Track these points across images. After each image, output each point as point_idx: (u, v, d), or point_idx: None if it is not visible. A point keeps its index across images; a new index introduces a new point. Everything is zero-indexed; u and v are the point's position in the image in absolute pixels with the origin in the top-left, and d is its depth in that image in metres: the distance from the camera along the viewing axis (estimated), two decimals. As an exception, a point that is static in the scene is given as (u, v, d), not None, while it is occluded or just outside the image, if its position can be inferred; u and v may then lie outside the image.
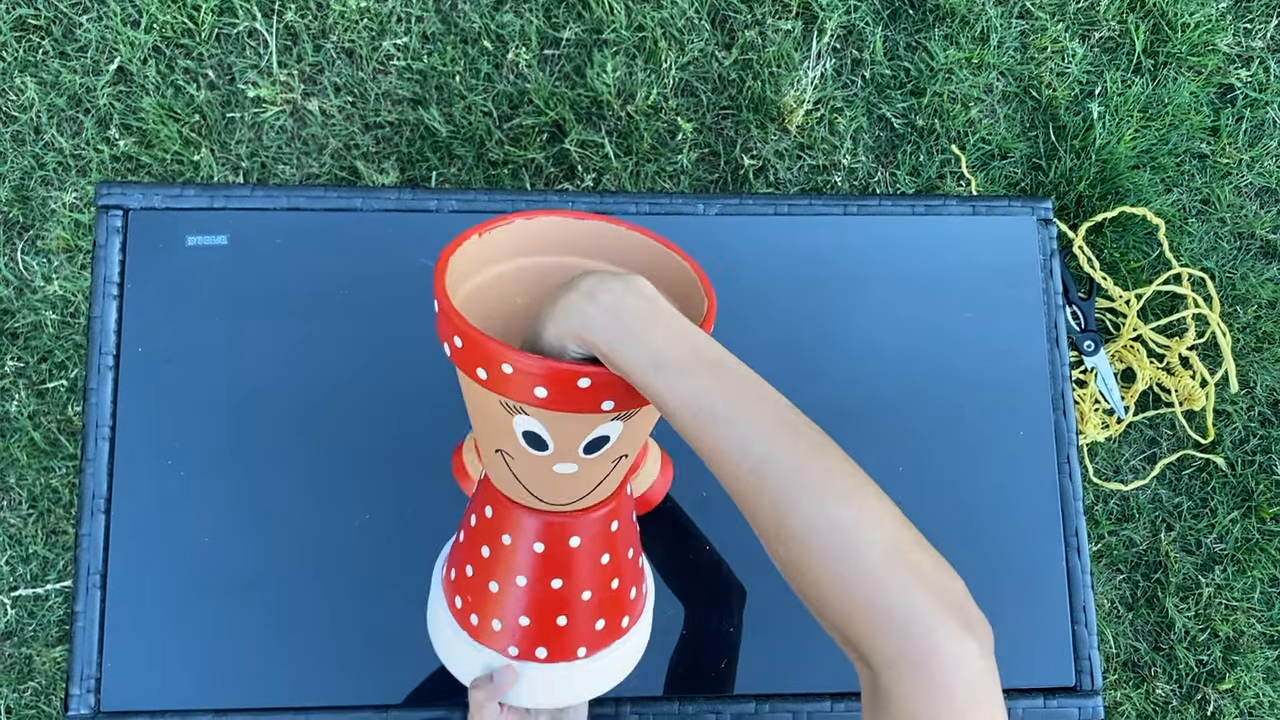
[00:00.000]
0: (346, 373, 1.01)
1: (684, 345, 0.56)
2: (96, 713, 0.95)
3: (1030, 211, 1.12)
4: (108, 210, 1.03)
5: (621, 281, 0.59)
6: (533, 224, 0.71)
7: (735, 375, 0.57)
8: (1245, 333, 1.60)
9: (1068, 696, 1.02)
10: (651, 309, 0.58)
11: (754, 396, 0.56)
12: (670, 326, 0.57)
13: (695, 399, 0.55)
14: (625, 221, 0.72)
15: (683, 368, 0.55)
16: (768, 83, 1.56)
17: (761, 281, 1.07)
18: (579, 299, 0.58)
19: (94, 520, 0.97)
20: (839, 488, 0.53)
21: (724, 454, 0.55)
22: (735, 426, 0.54)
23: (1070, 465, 1.06)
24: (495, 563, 0.75)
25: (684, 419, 0.55)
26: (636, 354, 0.56)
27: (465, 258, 0.69)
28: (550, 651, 0.78)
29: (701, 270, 0.71)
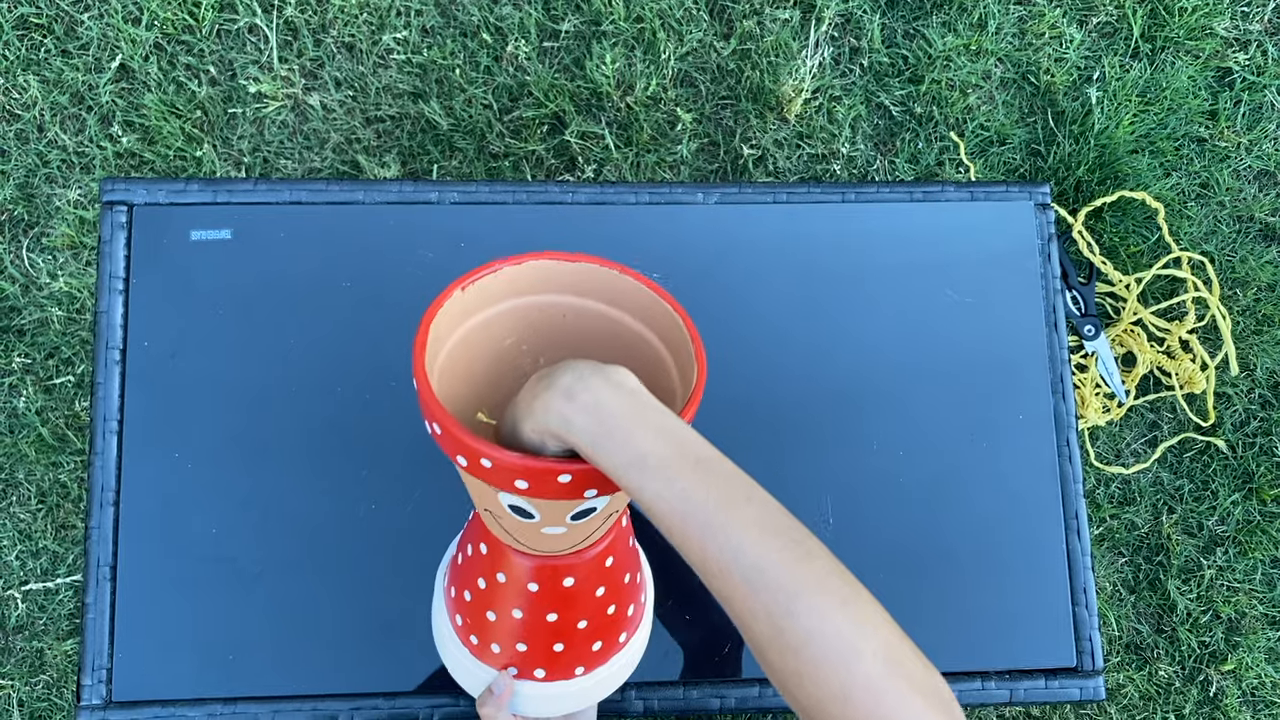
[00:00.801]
0: (351, 364, 1.02)
1: (669, 445, 0.55)
2: (108, 703, 0.96)
3: (1028, 196, 1.13)
4: (112, 206, 1.04)
5: (600, 377, 0.57)
6: (522, 269, 0.70)
7: (722, 476, 0.55)
8: (1245, 315, 1.60)
9: (1069, 677, 1.03)
10: (633, 406, 0.56)
11: (742, 499, 0.54)
12: (653, 424, 0.56)
13: (682, 504, 0.53)
14: (618, 264, 0.70)
15: (668, 470, 0.54)
16: (766, 72, 1.57)
17: (762, 269, 1.08)
18: (557, 399, 0.57)
19: (103, 513, 0.98)
20: (835, 595, 0.52)
21: (713, 561, 0.53)
22: (725, 533, 0.53)
23: (1070, 448, 1.07)
24: (490, 595, 0.75)
25: (671, 524, 0.54)
26: (620, 456, 0.54)
27: (449, 314, 0.68)
28: (548, 673, 0.79)
29: (688, 316, 0.69)
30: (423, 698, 0.97)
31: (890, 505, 1.04)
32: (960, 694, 1.01)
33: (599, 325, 0.73)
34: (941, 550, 1.04)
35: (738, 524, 0.53)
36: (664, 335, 0.71)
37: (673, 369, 0.71)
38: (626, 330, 0.72)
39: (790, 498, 1.02)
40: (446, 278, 1.03)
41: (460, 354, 0.71)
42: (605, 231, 1.08)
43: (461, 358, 0.71)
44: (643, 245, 1.08)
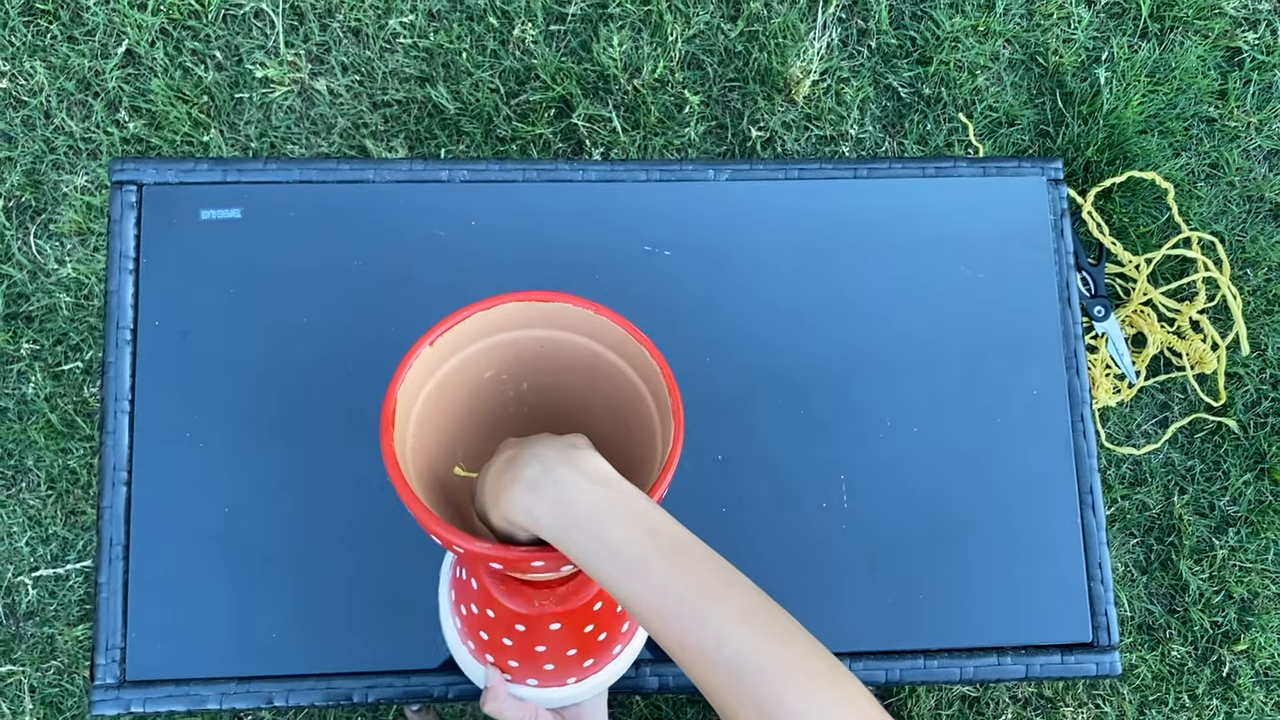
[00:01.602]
0: (363, 342, 1.02)
1: (641, 535, 0.54)
2: (122, 682, 0.96)
3: (1040, 172, 1.13)
4: (122, 186, 1.04)
5: (567, 466, 0.56)
6: (492, 313, 0.69)
7: (698, 562, 0.54)
8: (1256, 295, 1.60)
9: (1085, 652, 1.02)
10: (602, 497, 0.55)
11: (720, 585, 0.54)
12: (623, 514, 0.55)
13: (659, 596, 0.53)
14: (591, 302, 0.69)
15: (642, 562, 0.53)
16: (774, 54, 1.56)
17: (773, 245, 1.08)
18: (522, 493, 0.56)
19: (115, 493, 0.98)
20: (820, 678, 0.52)
21: (693, 650, 0.52)
22: (705, 622, 0.52)
23: (1084, 424, 1.07)
24: (482, 621, 0.76)
25: (647, 616, 0.53)
26: (590, 550, 0.54)
27: (421, 368, 0.67)
28: (540, 683, 0.80)
29: (661, 357, 0.68)
30: (437, 675, 0.97)
31: (904, 483, 1.04)
32: (976, 670, 1.01)
33: (577, 355, 0.72)
34: (956, 527, 1.04)
35: (717, 612, 0.52)
36: (642, 374, 0.70)
37: (651, 406, 0.70)
38: (605, 362, 0.72)
39: (804, 477, 1.02)
40: (458, 256, 1.04)
41: (437, 398, 0.70)
42: (615, 210, 1.07)
43: (439, 401, 0.70)
44: (653, 223, 1.07)
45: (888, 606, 1.01)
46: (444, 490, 0.72)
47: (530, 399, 0.77)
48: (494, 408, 0.76)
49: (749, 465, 1.02)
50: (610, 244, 1.07)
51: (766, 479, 1.03)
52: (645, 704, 1.43)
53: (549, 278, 1.05)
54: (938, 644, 1.01)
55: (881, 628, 1.01)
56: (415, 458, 0.67)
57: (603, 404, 0.75)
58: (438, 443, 0.72)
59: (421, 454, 0.69)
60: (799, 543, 1.02)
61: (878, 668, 1.00)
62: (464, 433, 0.76)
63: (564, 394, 0.76)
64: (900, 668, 1.00)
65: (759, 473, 1.03)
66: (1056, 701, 1.48)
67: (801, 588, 1.01)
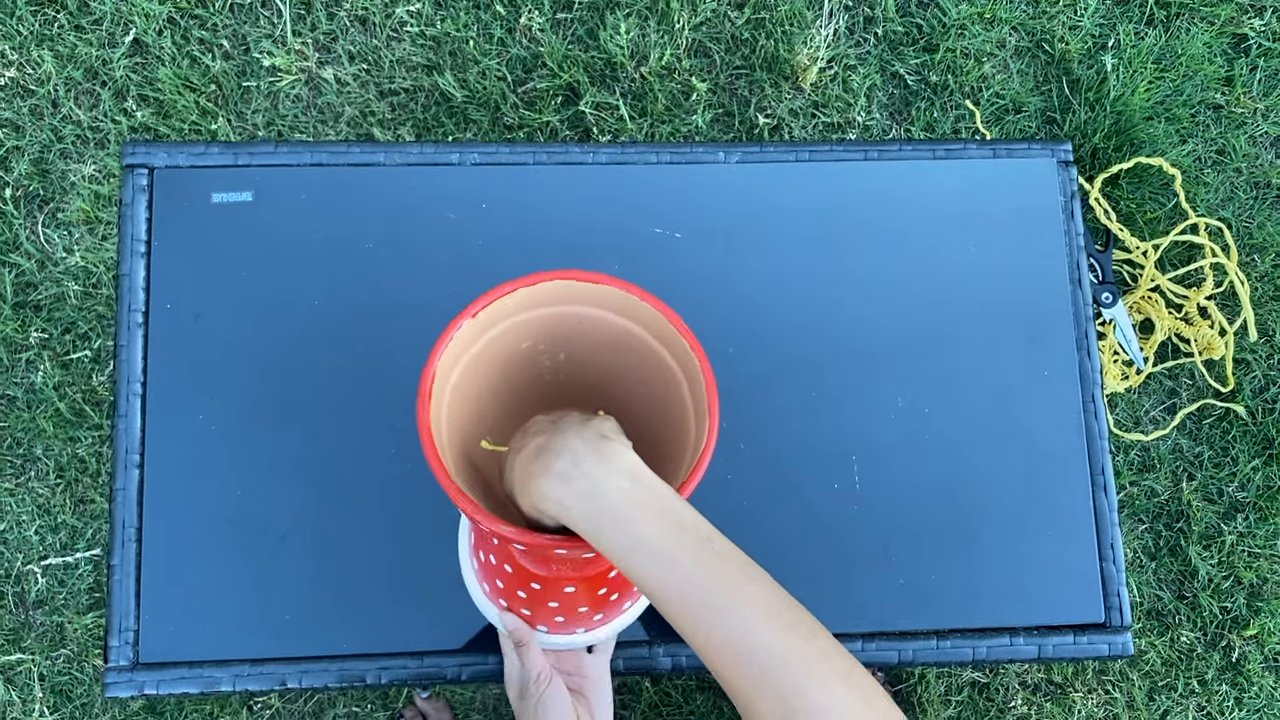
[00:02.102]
0: (373, 324, 1.02)
1: (669, 529, 0.55)
2: (135, 664, 0.96)
3: (1050, 154, 1.12)
4: (133, 169, 1.04)
5: (596, 458, 0.57)
6: (535, 289, 0.69)
7: (724, 558, 0.55)
8: (1263, 281, 1.60)
9: (1097, 633, 1.02)
10: (631, 490, 0.56)
11: (746, 580, 0.55)
12: (652, 507, 0.56)
13: (686, 588, 0.54)
14: (636, 287, 0.69)
15: (670, 555, 0.54)
16: (781, 41, 1.56)
17: (784, 228, 1.08)
18: (553, 484, 0.57)
19: (128, 475, 0.98)
20: (840, 671, 0.53)
21: (718, 642, 0.53)
22: (732, 615, 0.53)
23: (1095, 405, 1.07)
24: (498, 572, 0.76)
25: (673, 608, 0.54)
26: (619, 541, 0.55)
27: (463, 337, 0.68)
28: (550, 630, 0.81)
29: (702, 353, 0.68)
30: (451, 657, 0.97)
31: (916, 463, 1.04)
32: (989, 650, 1.01)
33: (615, 334, 0.73)
34: (968, 509, 1.03)
35: (743, 606, 0.53)
36: (679, 361, 0.71)
37: (686, 394, 0.70)
38: (642, 343, 0.72)
39: (817, 456, 1.02)
40: (469, 238, 1.04)
41: (474, 366, 0.71)
42: (625, 192, 1.07)
43: (476, 369, 0.71)
44: (663, 205, 1.07)
45: (899, 587, 1.01)
46: (469, 457, 0.73)
47: (565, 369, 0.78)
48: (529, 376, 0.77)
49: (760, 446, 1.02)
50: (621, 226, 1.07)
51: (778, 460, 1.03)
52: (655, 690, 1.43)
53: (560, 260, 1.05)
54: (950, 624, 1.01)
55: (894, 608, 1.01)
56: (449, 425, 0.68)
57: (636, 381, 0.75)
58: (473, 409, 0.72)
59: (456, 421, 0.70)
60: (811, 524, 1.02)
61: (890, 648, 1.00)
62: (497, 399, 0.76)
63: (599, 368, 0.77)
64: (913, 648, 1.00)
65: (770, 453, 1.03)
66: (1066, 687, 1.48)
67: (813, 569, 1.01)
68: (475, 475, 0.72)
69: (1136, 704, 1.48)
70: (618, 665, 0.98)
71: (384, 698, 1.42)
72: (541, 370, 0.78)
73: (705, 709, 1.43)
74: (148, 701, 1.40)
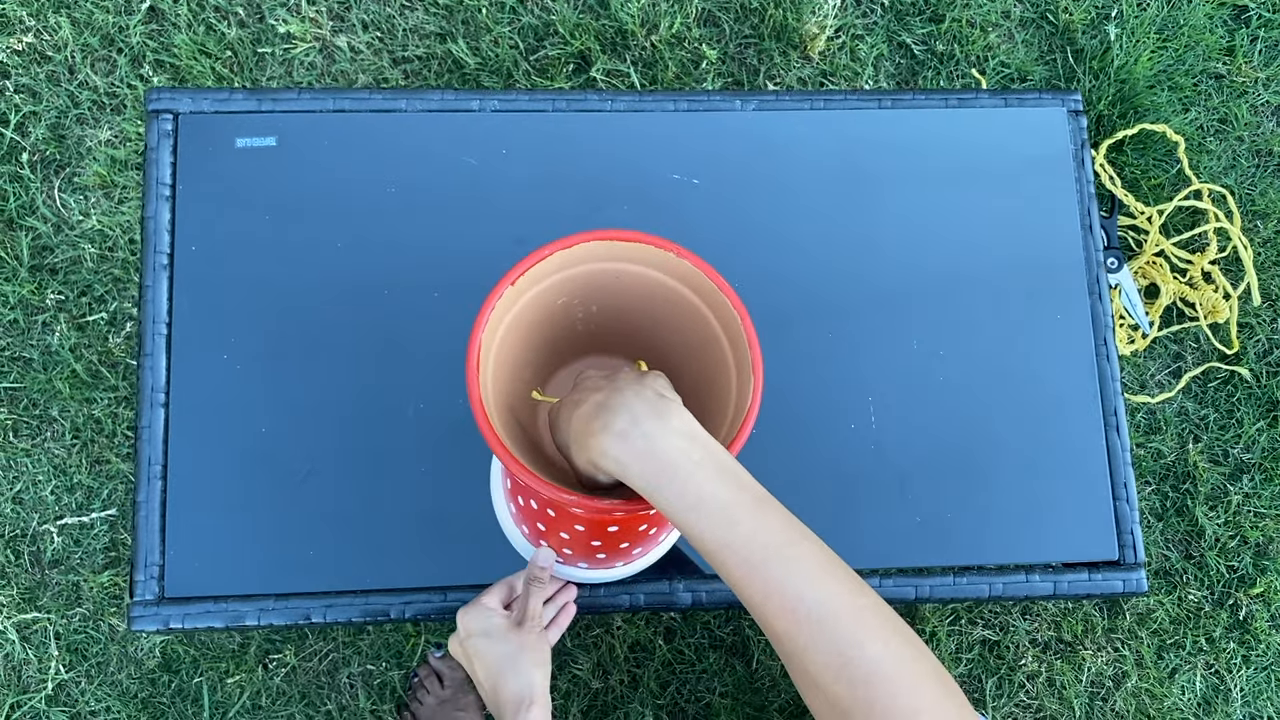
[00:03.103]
0: (395, 267, 1.03)
1: (727, 488, 0.57)
2: (161, 598, 0.96)
3: (1060, 103, 1.14)
4: (158, 115, 1.05)
5: (655, 419, 0.58)
6: (573, 251, 0.70)
7: (779, 516, 0.57)
8: (1266, 247, 1.62)
9: (1112, 570, 1.04)
10: (689, 450, 0.57)
11: (800, 537, 0.57)
12: (710, 466, 0.57)
13: (745, 546, 0.55)
14: (673, 244, 0.70)
15: (728, 513, 0.56)
16: (789, 10, 1.58)
17: (800, 174, 1.09)
18: (612, 441, 0.57)
19: (153, 413, 0.99)
20: (890, 625, 0.55)
21: (775, 598, 0.55)
22: (789, 571, 0.55)
23: (1107, 348, 1.08)
24: (539, 515, 0.77)
25: (731, 565, 0.56)
26: (678, 500, 0.56)
27: (503, 304, 0.68)
28: (589, 565, 0.84)
29: (740, 303, 0.69)
30: (473, 592, 0.98)
31: (931, 404, 1.05)
32: (1005, 587, 1.02)
33: (651, 287, 0.74)
34: (983, 448, 1.05)
35: (798, 563, 0.55)
36: (719, 317, 0.71)
37: (726, 348, 0.71)
38: (679, 295, 0.73)
39: (834, 398, 1.03)
40: (490, 182, 1.05)
41: (513, 326, 0.72)
42: (644, 139, 1.09)
43: (514, 329, 0.72)
44: (681, 151, 1.09)
45: (916, 525, 1.03)
46: (514, 413, 0.74)
47: (597, 319, 0.79)
48: (563, 328, 0.78)
49: (778, 388, 1.03)
50: (639, 172, 1.08)
51: (796, 401, 1.04)
52: (668, 648, 1.44)
53: (579, 204, 1.06)
54: (966, 561, 1.03)
55: (910, 546, 1.02)
56: (495, 389, 0.69)
57: (672, 332, 0.76)
58: (512, 366, 0.74)
59: (501, 381, 0.71)
60: (829, 463, 1.03)
61: (907, 584, 1.01)
62: (535, 353, 0.78)
63: (632, 319, 0.78)
64: (930, 585, 1.02)
65: (788, 394, 1.04)
66: (1076, 645, 1.49)
67: (831, 507, 1.03)
68: (522, 434, 0.74)
69: (1145, 662, 1.49)
70: (639, 601, 0.99)
71: (398, 656, 1.43)
72: (574, 322, 0.79)
73: (718, 666, 1.44)
74: (163, 659, 1.40)
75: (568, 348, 0.84)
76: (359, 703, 1.41)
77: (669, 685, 1.44)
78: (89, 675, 1.40)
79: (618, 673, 1.43)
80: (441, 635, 1.44)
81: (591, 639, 1.44)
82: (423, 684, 1.39)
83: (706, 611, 1.32)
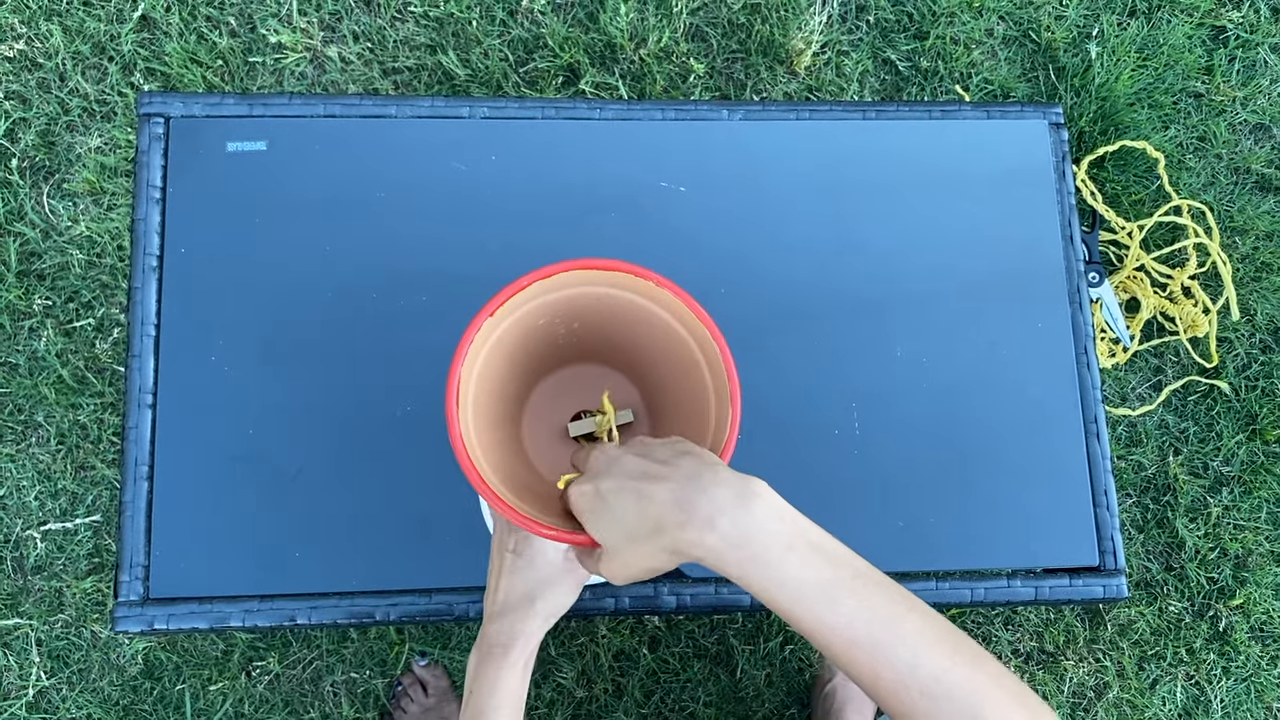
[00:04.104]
0: (383, 271, 1.04)
1: (823, 567, 0.55)
2: (146, 599, 0.96)
3: (1041, 116, 1.16)
4: (149, 118, 1.06)
5: (739, 504, 0.56)
6: (551, 280, 0.70)
7: (879, 588, 0.55)
8: (1245, 263, 1.64)
9: (1093, 576, 1.05)
10: (779, 533, 0.55)
11: (904, 610, 0.55)
12: (802, 546, 0.56)
13: (849, 626, 0.53)
14: (651, 273, 0.70)
15: (827, 594, 0.54)
16: (776, 26, 1.60)
17: (785, 182, 1.10)
18: (702, 534, 0.55)
19: (141, 414, 0.99)
20: (1012, 696, 0.53)
21: (887, 677, 0.53)
22: (897, 648, 0.53)
23: (1088, 356, 1.10)
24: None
25: (836, 646, 0.54)
26: (777, 589, 0.54)
27: (482, 334, 0.69)
28: None
29: (714, 327, 0.70)
30: (460, 594, 0.98)
31: (915, 412, 1.06)
32: (987, 592, 1.03)
33: (633, 309, 0.75)
34: (966, 455, 1.06)
35: (907, 637, 0.53)
36: (698, 341, 0.72)
37: (706, 373, 0.72)
38: (660, 320, 0.74)
39: (818, 404, 1.04)
40: (478, 189, 1.06)
41: (493, 351, 0.73)
42: (631, 147, 1.10)
43: (495, 353, 0.73)
44: (669, 159, 1.10)
45: (899, 530, 1.03)
46: (500, 428, 0.76)
47: (580, 333, 0.80)
48: (546, 343, 0.79)
49: (763, 394, 1.04)
50: (626, 179, 1.09)
51: (780, 407, 1.05)
52: (652, 657, 1.45)
53: (568, 210, 1.07)
54: (948, 566, 1.03)
55: (893, 551, 1.03)
56: (476, 417, 0.70)
57: (653, 350, 0.77)
58: (492, 389, 0.74)
59: (482, 407, 0.72)
60: (812, 468, 1.04)
61: (891, 589, 1.02)
62: (514, 370, 0.79)
63: (615, 335, 0.79)
64: (913, 589, 1.02)
65: (772, 400, 1.05)
66: (1058, 655, 1.50)
67: (815, 512, 1.02)
68: (511, 457, 0.76)
69: (1127, 672, 1.50)
70: (624, 604, 0.99)
71: (382, 664, 1.42)
72: (556, 337, 0.80)
73: (702, 676, 1.45)
74: (145, 666, 1.40)
75: (551, 358, 0.85)
76: (343, 711, 1.41)
77: (653, 694, 1.44)
78: (70, 682, 1.39)
79: (602, 681, 1.43)
80: (426, 641, 1.44)
81: (576, 647, 1.44)
82: (406, 692, 1.39)
83: (690, 617, 1.32)
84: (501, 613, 0.77)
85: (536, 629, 0.76)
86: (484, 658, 0.75)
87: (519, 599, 0.77)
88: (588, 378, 0.88)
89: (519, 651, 0.75)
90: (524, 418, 0.85)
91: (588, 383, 0.87)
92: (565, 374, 0.87)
